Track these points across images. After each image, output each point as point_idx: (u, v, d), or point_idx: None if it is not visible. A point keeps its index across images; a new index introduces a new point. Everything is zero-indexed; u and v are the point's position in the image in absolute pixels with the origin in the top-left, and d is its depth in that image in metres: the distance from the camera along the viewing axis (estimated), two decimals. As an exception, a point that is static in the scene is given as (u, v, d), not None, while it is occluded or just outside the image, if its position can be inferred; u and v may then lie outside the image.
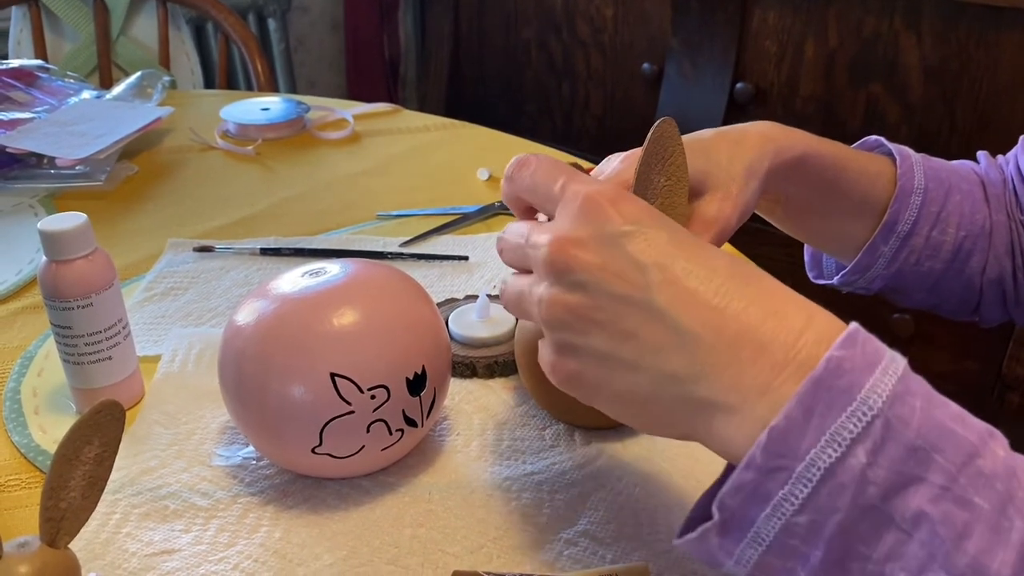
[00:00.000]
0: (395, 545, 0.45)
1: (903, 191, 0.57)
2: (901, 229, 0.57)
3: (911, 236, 0.58)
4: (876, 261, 0.59)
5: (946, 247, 0.59)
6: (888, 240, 0.58)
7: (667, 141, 0.49)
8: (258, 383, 0.46)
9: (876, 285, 0.61)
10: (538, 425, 0.53)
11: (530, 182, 0.39)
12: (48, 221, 0.51)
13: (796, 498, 0.30)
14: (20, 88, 0.99)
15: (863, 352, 0.31)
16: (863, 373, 0.30)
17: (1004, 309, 0.63)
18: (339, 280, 0.49)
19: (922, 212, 0.58)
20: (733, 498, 0.31)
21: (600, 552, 0.44)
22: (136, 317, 0.65)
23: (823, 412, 0.30)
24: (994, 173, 0.61)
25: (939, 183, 0.58)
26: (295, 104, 1.03)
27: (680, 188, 0.51)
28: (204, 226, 0.80)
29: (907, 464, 0.29)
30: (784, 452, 0.30)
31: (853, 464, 0.29)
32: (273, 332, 0.46)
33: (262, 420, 0.46)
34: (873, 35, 1.49)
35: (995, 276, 0.61)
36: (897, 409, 0.30)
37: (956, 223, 0.59)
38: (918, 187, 0.58)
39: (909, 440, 0.30)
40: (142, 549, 0.45)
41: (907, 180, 0.57)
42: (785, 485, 0.30)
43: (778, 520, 0.31)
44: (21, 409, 0.56)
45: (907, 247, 0.58)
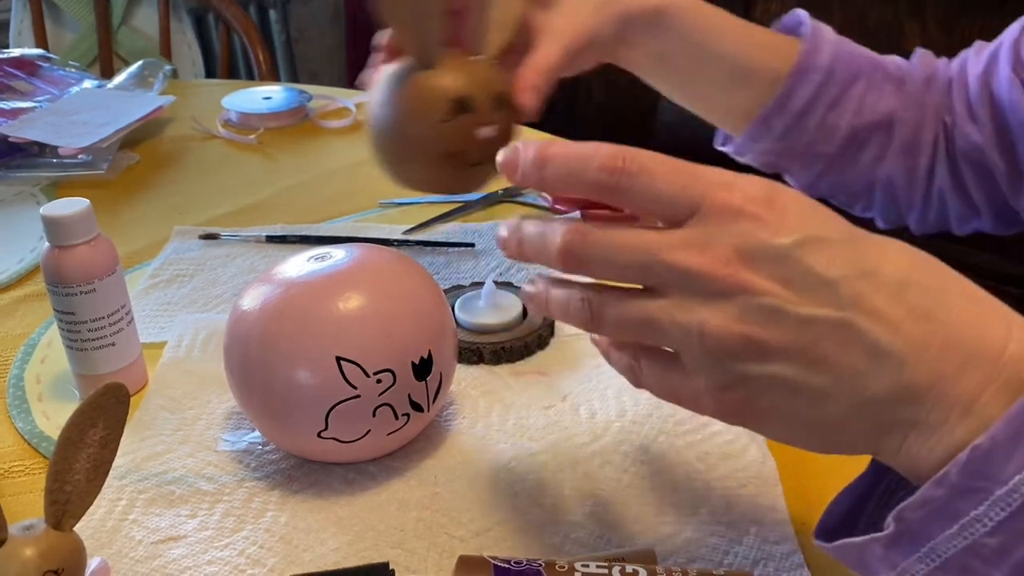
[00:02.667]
0: (401, 529, 0.45)
1: (801, 67, 0.57)
2: (794, 104, 0.57)
3: (806, 114, 0.58)
4: (767, 133, 0.59)
5: (840, 132, 0.58)
6: (780, 114, 0.58)
7: None
8: (264, 367, 0.45)
9: (765, 159, 0.62)
10: (544, 408, 0.53)
11: (651, 192, 0.32)
12: (50, 207, 0.51)
13: (991, 520, 0.28)
14: (22, 77, 0.99)
15: None
16: None
17: (896, 210, 0.63)
18: (344, 265, 0.48)
19: (821, 92, 0.57)
20: (915, 512, 0.29)
21: (606, 535, 0.44)
22: (141, 304, 0.65)
23: None
24: (919, 72, 0.60)
25: (847, 67, 0.58)
26: (297, 93, 1.03)
27: None
28: (206, 215, 0.79)
29: None
30: (985, 474, 0.28)
31: None
32: (278, 316, 0.46)
33: (268, 405, 0.46)
34: (877, 24, 1.49)
35: (887, 174, 0.60)
36: None
37: (853, 110, 0.58)
38: (820, 66, 0.57)
39: None
40: (148, 536, 0.45)
41: (810, 58, 0.57)
42: (980, 506, 0.28)
43: (963, 540, 0.29)
44: (25, 396, 0.56)
45: (801, 124, 0.58)
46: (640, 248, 0.32)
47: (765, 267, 0.30)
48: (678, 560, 0.42)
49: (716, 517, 0.45)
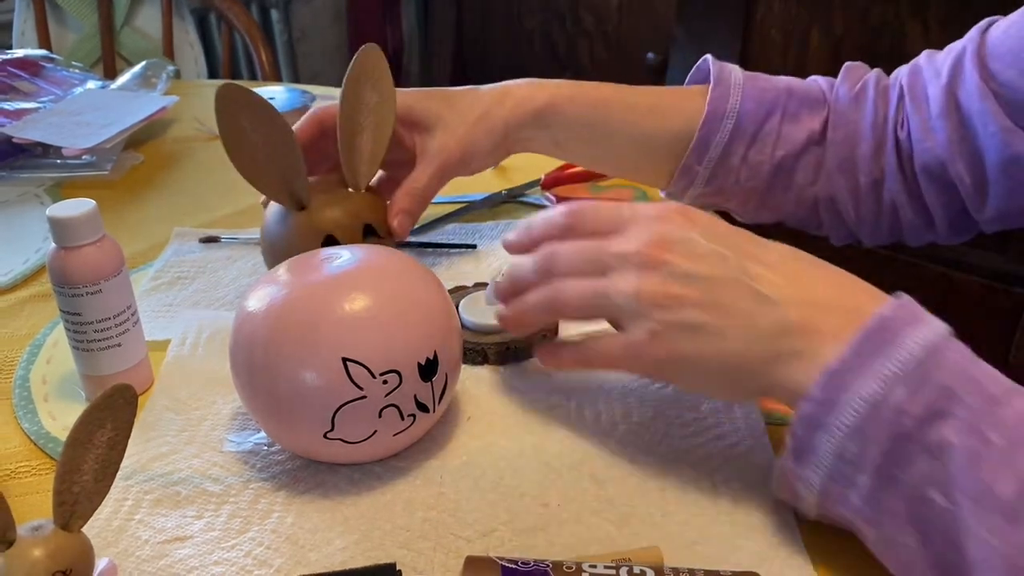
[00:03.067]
0: (407, 529, 0.45)
1: (713, 115, 0.60)
2: (712, 152, 0.61)
3: (726, 157, 0.61)
4: (693, 181, 0.63)
5: (764, 167, 0.61)
6: (701, 161, 0.61)
7: (374, 64, 0.61)
8: (269, 369, 0.46)
9: (702, 202, 0.65)
10: (549, 408, 0.53)
11: (595, 218, 0.46)
12: (57, 208, 0.51)
13: (846, 425, 0.37)
14: (25, 78, 0.99)
15: (911, 312, 0.38)
16: (908, 326, 0.37)
17: (844, 227, 0.64)
18: (350, 266, 0.48)
19: (736, 134, 0.60)
20: (800, 426, 0.38)
21: (612, 534, 0.44)
22: (144, 306, 0.65)
23: (871, 355, 0.37)
24: (845, 90, 0.61)
25: (760, 104, 0.61)
26: (300, 93, 1.03)
27: (388, 106, 0.62)
28: (210, 215, 0.80)
29: (938, 401, 0.36)
30: (837, 387, 0.37)
31: (894, 400, 0.36)
32: (284, 318, 0.46)
33: (274, 406, 0.46)
34: (879, 23, 1.49)
35: (827, 194, 0.62)
36: (935, 356, 0.36)
37: (773, 143, 0.61)
38: (730, 111, 0.60)
39: (942, 383, 0.36)
40: (154, 536, 0.45)
41: (719, 105, 0.60)
42: (839, 414, 0.37)
43: (832, 445, 0.37)
44: (31, 396, 0.56)
45: (724, 167, 0.61)
46: (593, 246, 0.45)
47: (678, 249, 0.42)
48: (685, 558, 0.42)
49: (721, 517, 0.45)
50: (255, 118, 0.58)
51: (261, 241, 0.63)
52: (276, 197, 0.60)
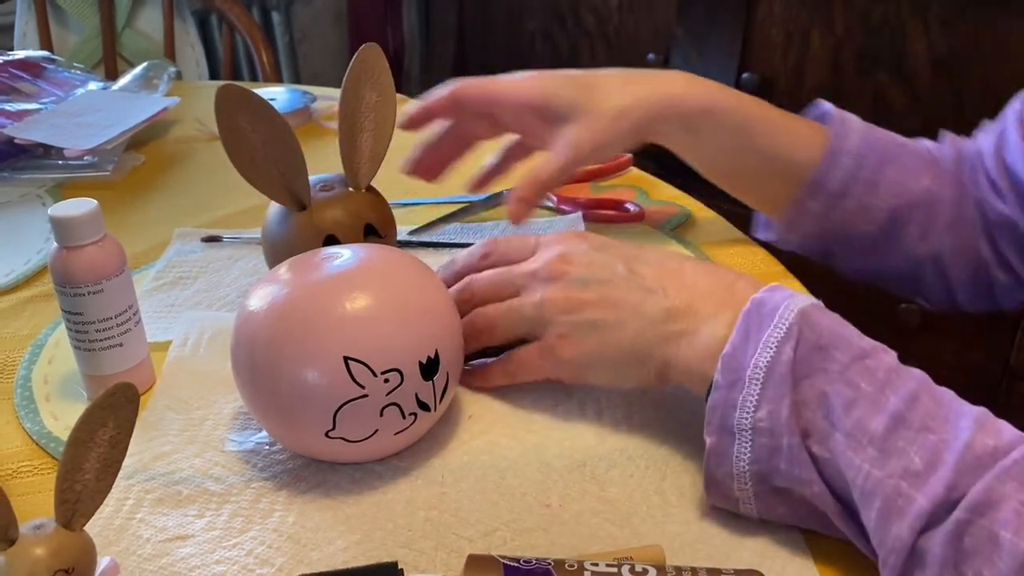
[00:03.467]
0: (409, 528, 0.45)
1: (832, 152, 0.60)
2: (830, 187, 0.60)
3: (842, 197, 0.60)
4: (803, 217, 0.62)
5: (880, 212, 0.61)
6: (816, 196, 0.60)
7: (374, 63, 0.61)
8: (271, 368, 0.46)
9: (811, 245, 0.64)
10: (550, 404, 0.53)
11: (507, 248, 0.53)
12: (58, 207, 0.51)
13: (753, 396, 0.41)
14: (27, 79, 0.99)
15: (781, 294, 0.43)
16: (781, 300, 0.43)
17: (946, 289, 0.63)
18: (351, 264, 0.48)
19: (855, 175, 0.60)
20: (713, 415, 0.42)
21: (614, 533, 0.44)
22: (146, 306, 0.65)
23: (756, 329, 0.42)
24: (948, 151, 0.63)
25: (877, 152, 0.60)
26: (301, 94, 1.03)
27: (389, 105, 0.62)
28: (212, 215, 0.80)
29: (816, 359, 0.41)
30: (736, 367, 0.42)
31: (784, 360, 0.40)
32: (286, 317, 0.46)
33: (275, 405, 0.46)
34: (880, 24, 1.49)
35: (934, 252, 0.62)
36: (808, 318, 0.41)
37: (891, 191, 0.60)
38: (850, 151, 0.60)
39: (816, 341, 0.41)
40: (156, 535, 0.45)
41: (839, 142, 0.60)
42: (744, 388, 0.41)
43: (746, 420, 0.41)
44: (33, 396, 0.56)
45: (839, 208, 0.61)
46: (503, 272, 0.52)
47: (575, 260, 0.49)
48: (687, 557, 0.42)
49: (723, 515, 0.45)
50: (255, 118, 0.58)
51: (262, 241, 0.63)
52: (276, 197, 0.60)
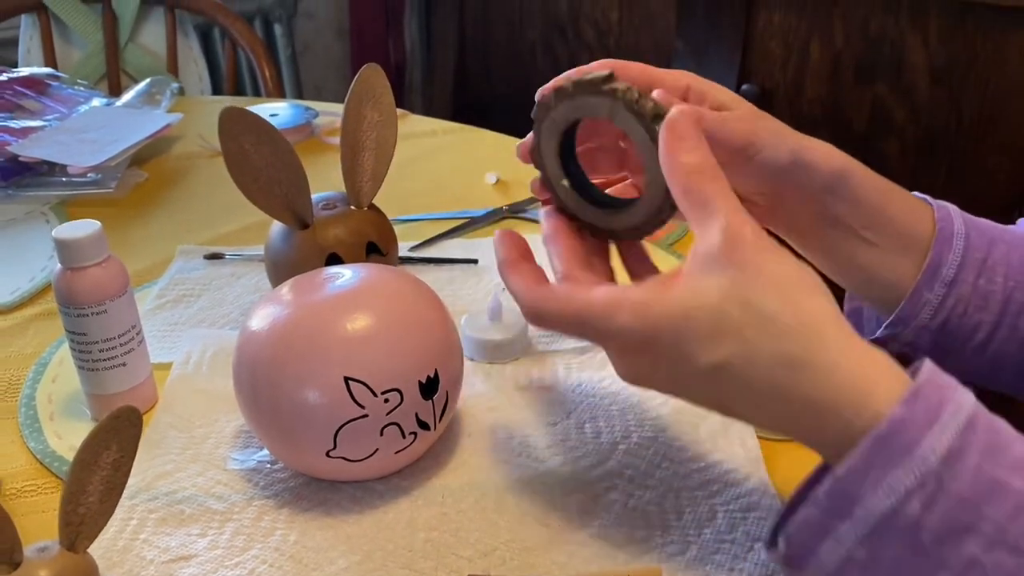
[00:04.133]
0: (409, 549, 0.45)
1: (943, 233, 0.54)
2: (946, 273, 0.54)
3: (956, 283, 0.54)
4: (920, 310, 0.55)
5: (995, 296, 0.55)
6: (932, 286, 0.54)
7: (375, 83, 0.62)
8: (272, 388, 0.46)
9: (923, 340, 0.57)
10: (549, 425, 0.54)
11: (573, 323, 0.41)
12: (62, 229, 0.51)
13: (855, 535, 0.34)
14: (31, 96, 1.00)
15: (925, 408, 0.34)
16: (921, 430, 0.34)
17: None
18: (352, 285, 0.49)
19: (966, 257, 0.54)
20: (801, 531, 0.35)
21: (612, 554, 0.45)
22: (149, 325, 0.65)
23: (883, 465, 0.34)
24: None
25: (980, 232, 0.55)
26: (303, 110, 1.04)
27: (390, 124, 0.62)
28: (214, 232, 0.80)
29: (959, 514, 0.33)
30: (845, 497, 0.34)
31: (908, 512, 0.33)
32: (287, 337, 0.46)
33: (277, 424, 0.47)
34: (879, 35, 1.49)
35: None
36: (952, 464, 0.33)
37: (1004, 272, 0.55)
38: (958, 232, 0.55)
39: (961, 493, 0.33)
40: (159, 556, 0.45)
41: (946, 223, 0.54)
42: (846, 522, 0.34)
43: (840, 552, 0.35)
44: (36, 415, 0.56)
45: (953, 295, 0.54)
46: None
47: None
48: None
49: (720, 536, 0.45)
50: (257, 139, 0.58)
51: (265, 258, 0.64)
52: (279, 216, 0.61)
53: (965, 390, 0.36)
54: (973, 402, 0.35)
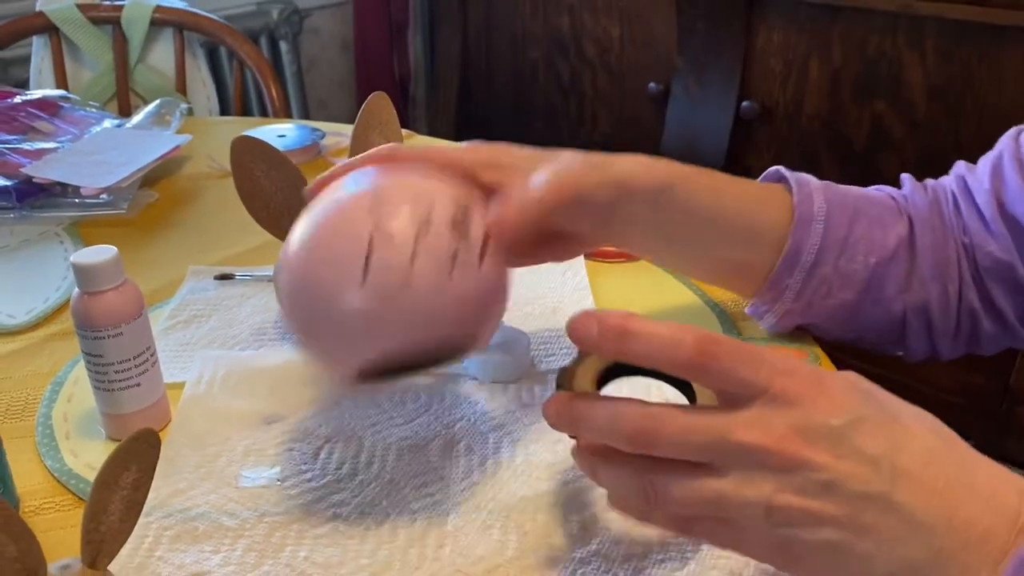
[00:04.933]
0: (417, 567, 0.47)
1: (802, 219, 0.55)
2: (805, 260, 0.55)
3: (817, 266, 0.55)
4: (783, 294, 0.56)
5: (857, 275, 0.56)
6: (792, 272, 0.55)
7: (382, 110, 0.63)
8: (301, 255, 0.46)
9: (787, 321, 0.58)
10: (552, 443, 0.55)
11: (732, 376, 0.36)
12: (80, 255, 0.53)
13: None
14: (44, 118, 1.02)
15: None
16: None
17: (930, 340, 0.60)
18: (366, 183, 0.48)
19: (826, 240, 0.55)
20: None
21: (612, 571, 0.46)
22: (161, 345, 0.67)
23: None
24: (920, 197, 0.59)
25: (842, 209, 0.56)
26: (310, 131, 1.06)
27: None
28: (225, 252, 0.82)
29: None
30: None
31: None
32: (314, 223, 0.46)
33: (306, 278, 0.46)
34: (877, 53, 1.51)
35: (919, 302, 0.58)
36: None
37: (865, 249, 0.56)
38: (818, 214, 0.55)
39: None
40: (174, 572, 0.47)
41: (805, 207, 0.55)
42: None
43: None
44: (53, 434, 0.58)
45: (815, 278, 0.55)
46: (712, 430, 0.35)
47: (820, 444, 0.35)
48: (681, 594, 0.44)
49: (717, 553, 0.47)
50: (268, 166, 0.60)
51: (274, 279, 0.65)
52: (279, 236, 0.62)
53: None
54: None
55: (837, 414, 0.35)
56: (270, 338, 0.68)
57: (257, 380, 0.62)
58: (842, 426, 0.35)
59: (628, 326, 0.36)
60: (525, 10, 2.03)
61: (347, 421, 0.58)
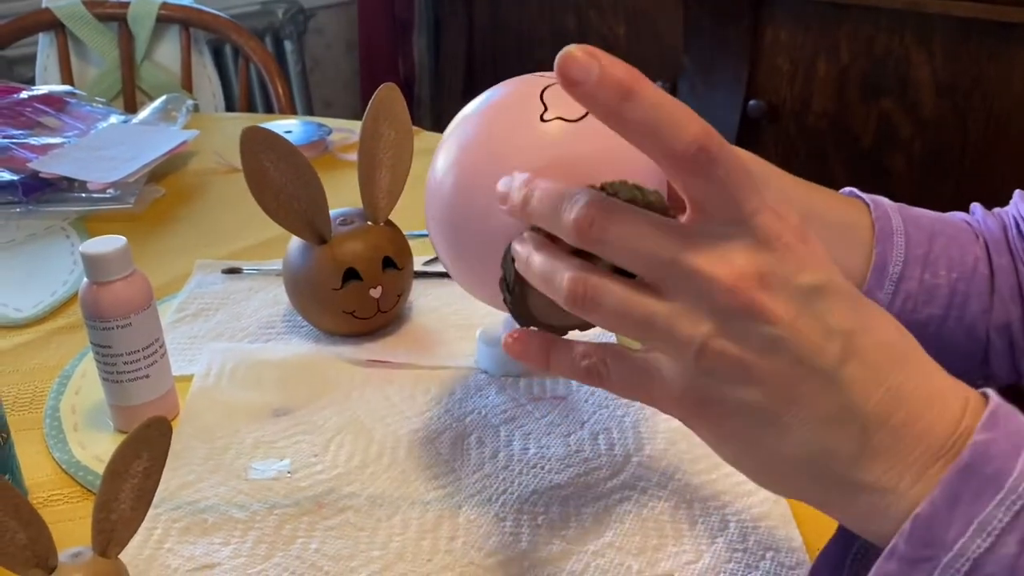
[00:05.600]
0: (428, 560, 0.46)
1: (883, 232, 0.54)
2: (892, 271, 0.53)
3: (903, 280, 0.53)
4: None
5: (941, 290, 0.54)
6: (883, 284, 0.53)
7: (391, 102, 0.63)
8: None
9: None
10: (564, 436, 0.55)
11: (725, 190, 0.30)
12: (89, 244, 0.53)
13: None
14: (51, 114, 1.02)
15: (1007, 433, 0.30)
16: (1010, 458, 0.30)
17: (1013, 361, 0.58)
18: None
19: (909, 254, 0.53)
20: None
21: (627, 563, 0.46)
22: (169, 338, 0.66)
23: (970, 500, 0.29)
24: (992, 221, 0.59)
25: (919, 227, 0.55)
26: (316, 127, 1.06)
27: (406, 141, 0.63)
28: (231, 246, 0.82)
29: None
30: (929, 541, 0.29)
31: (1004, 554, 0.29)
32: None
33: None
34: (884, 52, 1.51)
35: (1002, 322, 0.56)
36: None
37: (946, 265, 0.54)
38: (898, 229, 0.54)
39: None
40: (184, 564, 0.46)
41: (884, 222, 0.54)
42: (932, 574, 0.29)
43: None
44: (61, 426, 0.58)
45: (902, 292, 0.54)
46: (666, 244, 0.31)
47: (781, 295, 0.30)
48: (697, 587, 0.44)
49: (733, 545, 0.46)
50: (277, 158, 0.60)
51: (283, 273, 0.65)
52: (298, 232, 0.62)
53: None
54: None
55: (811, 272, 0.31)
56: (278, 332, 0.67)
57: (266, 373, 0.61)
58: (812, 285, 0.31)
59: (635, 86, 0.30)
60: (531, 9, 2.03)
61: (357, 414, 0.57)
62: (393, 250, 0.64)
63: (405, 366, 0.63)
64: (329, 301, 0.63)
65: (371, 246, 0.63)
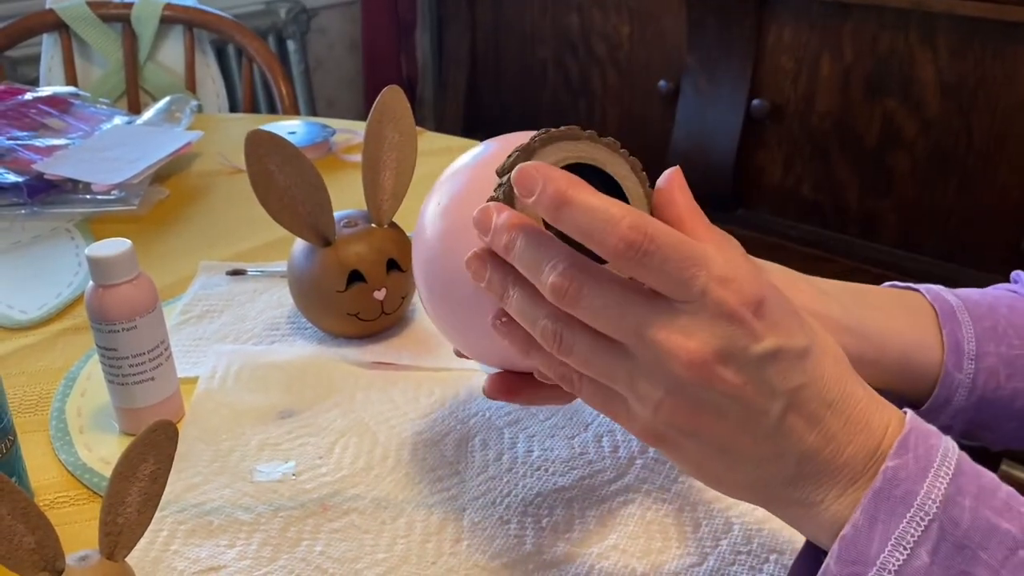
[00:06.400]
0: (432, 562, 0.47)
1: (945, 312, 0.51)
2: (968, 349, 0.50)
3: (980, 357, 0.51)
4: (955, 393, 0.51)
5: (1020, 360, 0.51)
6: (961, 364, 0.50)
7: (395, 104, 0.63)
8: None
9: (959, 423, 0.53)
10: (568, 439, 0.55)
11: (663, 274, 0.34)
12: (95, 247, 0.53)
13: None
14: (55, 115, 1.02)
15: (915, 457, 0.34)
16: (918, 480, 0.34)
17: None
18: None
19: (978, 328, 0.51)
20: None
21: (631, 565, 0.46)
22: (174, 340, 0.67)
23: (886, 519, 0.34)
24: None
25: (974, 302, 0.52)
26: (320, 128, 1.06)
27: (410, 144, 0.64)
28: (235, 248, 0.82)
29: (957, 562, 0.33)
30: (855, 559, 0.34)
31: (918, 565, 0.33)
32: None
33: None
34: (888, 51, 1.51)
35: None
36: (949, 511, 0.34)
37: (1017, 335, 0.52)
38: (958, 306, 0.51)
39: (959, 539, 0.33)
40: (190, 567, 0.47)
41: (941, 302, 0.51)
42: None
43: None
44: (67, 428, 0.58)
45: (983, 371, 0.51)
46: (633, 314, 0.34)
47: (733, 366, 0.34)
48: (701, 589, 0.44)
49: (737, 548, 0.46)
50: (282, 160, 0.60)
51: (287, 275, 0.65)
52: (303, 235, 0.62)
53: (947, 436, 0.36)
54: (956, 446, 0.35)
55: (764, 341, 0.34)
56: (283, 333, 0.68)
57: (271, 375, 0.62)
58: (763, 354, 0.34)
59: (569, 194, 0.33)
60: (534, 8, 2.03)
61: (361, 416, 0.58)
62: (397, 252, 0.64)
63: (409, 368, 0.63)
64: (333, 303, 0.63)
65: (375, 248, 0.63)
